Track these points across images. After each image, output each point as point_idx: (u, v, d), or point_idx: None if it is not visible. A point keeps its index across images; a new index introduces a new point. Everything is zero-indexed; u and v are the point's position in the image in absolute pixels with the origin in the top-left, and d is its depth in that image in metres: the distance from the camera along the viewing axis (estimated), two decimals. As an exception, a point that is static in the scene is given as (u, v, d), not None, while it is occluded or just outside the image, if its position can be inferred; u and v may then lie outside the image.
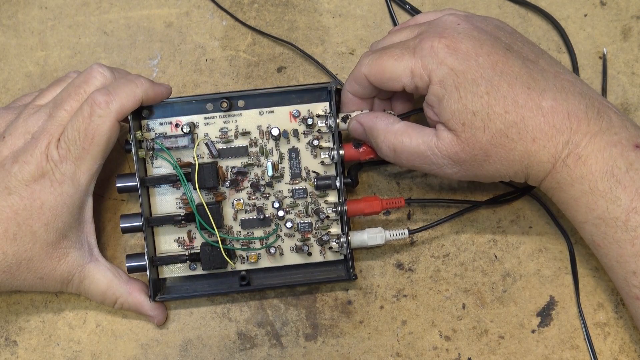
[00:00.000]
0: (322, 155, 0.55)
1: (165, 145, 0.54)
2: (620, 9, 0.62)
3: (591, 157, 0.46)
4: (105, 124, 0.50)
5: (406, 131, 0.50)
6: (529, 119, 0.47)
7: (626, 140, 0.47)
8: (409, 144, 0.49)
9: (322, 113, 0.55)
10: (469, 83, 0.47)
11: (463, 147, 0.48)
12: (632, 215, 0.46)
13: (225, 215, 0.55)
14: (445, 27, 0.49)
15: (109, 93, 0.51)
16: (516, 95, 0.47)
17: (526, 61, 0.48)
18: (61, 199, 0.50)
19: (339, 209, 0.54)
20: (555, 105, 0.47)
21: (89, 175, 0.51)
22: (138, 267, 0.53)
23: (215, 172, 0.53)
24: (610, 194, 0.46)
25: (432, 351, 0.53)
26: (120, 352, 0.54)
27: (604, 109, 0.48)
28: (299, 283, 0.54)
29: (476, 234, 0.56)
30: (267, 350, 0.54)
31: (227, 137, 0.55)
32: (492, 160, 0.48)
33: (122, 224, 0.54)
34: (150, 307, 0.54)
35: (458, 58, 0.47)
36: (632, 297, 0.47)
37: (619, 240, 0.46)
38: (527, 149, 0.47)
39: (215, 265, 0.53)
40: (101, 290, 0.53)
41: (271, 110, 0.55)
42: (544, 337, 0.53)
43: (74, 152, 0.50)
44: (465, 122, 0.47)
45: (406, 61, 0.49)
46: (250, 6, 0.64)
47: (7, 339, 0.55)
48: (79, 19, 0.60)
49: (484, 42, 0.48)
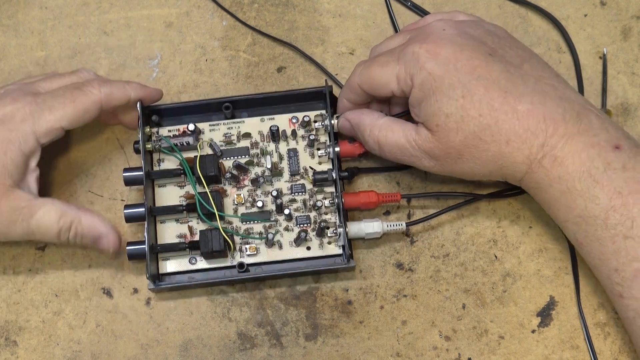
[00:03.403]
0: (319, 153, 0.56)
1: (172, 141, 0.56)
2: (620, 9, 0.62)
3: (568, 158, 0.47)
4: (90, 98, 0.54)
5: (390, 126, 0.52)
6: (503, 122, 0.48)
7: (605, 141, 0.47)
8: (391, 138, 0.52)
9: (319, 118, 0.57)
10: (445, 87, 0.49)
11: (437, 145, 0.50)
12: (611, 213, 0.46)
13: (225, 209, 0.56)
14: (430, 33, 0.51)
15: (104, 81, 0.55)
16: (492, 99, 0.48)
17: (508, 66, 0.49)
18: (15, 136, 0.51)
19: (336, 200, 0.54)
20: (531, 108, 0.48)
21: (50, 127, 0.52)
22: (138, 252, 0.54)
23: (217, 164, 0.55)
24: (588, 193, 0.47)
25: (432, 351, 0.53)
26: (120, 352, 0.54)
27: (584, 112, 0.48)
28: (298, 272, 0.54)
29: (476, 234, 0.56)
30: (267, 350, 0.54)
31: (230, 140, 0.58)
32: (465, 159, 0.49)
33: (125, 210, 0.54)
34: (105, 228, 0.53)
35: (437, 63, 0.49)
36: (616, 295, 0.48)
37: (599, 238, 0.47)
38: (500, 151, 0.48)
39: (214, 248, 0.53)
40: (53, 221, 0.52)
41: (272, 118, 0.58)
42: (544, 337, 0.53)
43: (49, 102, 0.53)
44: (439, 123, 0.49)
45: (392, 68, 0.51)
46: (250, 6, 0.64)
47: (7, 339, 0.55)
48: (79, 19, 0.60)
49: (465, 47, 0.49)
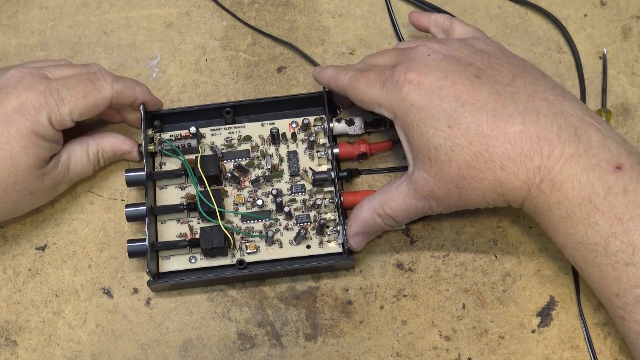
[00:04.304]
0: (319, 155, 0.57)
1: (174, 143, 0.57)
2: (620, 9, 0.62)
3: (567, 183, 0.45)
4: (102, 92, 0.54)
5: (388, 196, 0.51)
6: (494, 147, 0.46)
7: (605, 162, 0.45)
8: (396, 207, 0.51)
9: (318, 122, 0.58)
10: (430, 118, 0.47)
11: (435, 183, 0.48)
12: (612, 240, 0.45)
13: (226, 209, 0.56)
14: (415, 59, 0.50)
15: (116, 78, 0.56)
16: (480, 124, 0.46)
17: (497, 86, 0.48)
18: (37, 127, 0.52)
19: (335, 199, 0.54)
20: (523, 130, 0.46)
21: (62, 118, 0.53)
22: (139, 249, 0.54)
23: (218, 163, 0.56)
24: (588, 220, 0.45)
25: (432, 351, 0.53)
26: (120, 352, 0.54)
27: (583, 127, 0.46)
28: (298, 269, 0.54)
29: (476, 234, 0.56)
30: (267, 350, 0.54)
31: (231, 144, 0.58)
32: (466, 192, 0.48)
33: (126, 209, 0.55)
34: (127, 145, 0.57)
35: (420, 93, 0.48)
36: (618, 317, 0.47)
37: (599, 265, 0.46)
38: (496, 178, 0.47)
39: (215, 244, 0.53)
40: (85, 164, 0.56)
41: (272, 122, 0.59)
42: (544, 337, 0.53)
43: (62, 93, 0.53)
44: (431, 157, 0.48)
45: (375, 91, 0.51)
46: (250, 6, 0.64)
47: (7, 339, 0.55)
48: (79, 19, 0.60)
49: (450, 72, 0.48)
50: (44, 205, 0.58)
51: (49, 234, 0.58)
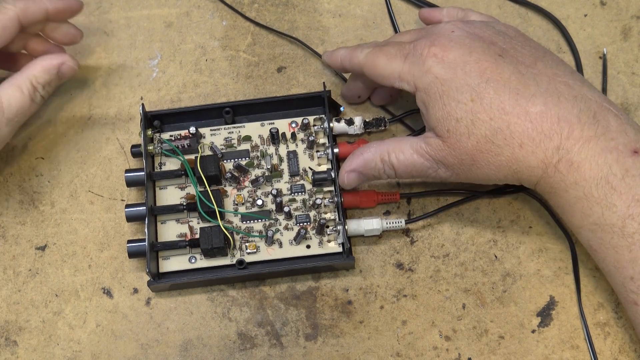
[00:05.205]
0: (318, 154, 0.57)
1: (173, 143, 0.57)
2: (620, 9, 0.62)
3: (585, 164, 0.46)
4: (6, 14, 0.53)
5: (397, 146, 0.51)
6: (515, 125, 0.47)
7: (623, 145, 0.46)
8: (403, 157, 0.51)
9: (318, 122, 0.58)
10: (453, 91, 0.48)
11: (450, 152, 0.49)
12: (629, 221, 0.45)
13: (225, 209, 0.56)
14: (439, 35, 0.50)
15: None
16: (502, 101, 0.47)
17: (520, 66, 0.48)
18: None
19: (335, 199, 0.55)
20: (544, 110, 0.47)
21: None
22: (138, 250, 0.54)
23: (217, 163, 0.56)
24: (605, 201, 0.46)
25: (432, 351, 0.53)
26: (120, 352, 0.54)
27: (602, 112, 0.47)
28: (298, 268, 0.54)
29: (476, 234, 0.56)
30: (267, 350, 0.54)
31: (231, 144, 0.58)
32: (480, 165, 0.48)
33: (126, 209, 0.55)
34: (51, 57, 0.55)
35: (444, 67, 0.48)
36: (630, 302, 0.47)
37: (615, 246, 0.46)
38: (514, 155, 0.47)
39: (215, 244, 0.53)
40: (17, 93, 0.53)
41: (272, 122, 0.58)
42: (544, 337, 0.53)
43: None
44: (450, 128, 0.48)
45: (396, 64, 0.50)
46: (250, 6, 0.64)
47: (7, 339, 0.55)
48: (79, 19, 0.60)
49: (474, 49, 0.49)
50: (44, 205, 0.58)
51: (49, 234, 0.58)
